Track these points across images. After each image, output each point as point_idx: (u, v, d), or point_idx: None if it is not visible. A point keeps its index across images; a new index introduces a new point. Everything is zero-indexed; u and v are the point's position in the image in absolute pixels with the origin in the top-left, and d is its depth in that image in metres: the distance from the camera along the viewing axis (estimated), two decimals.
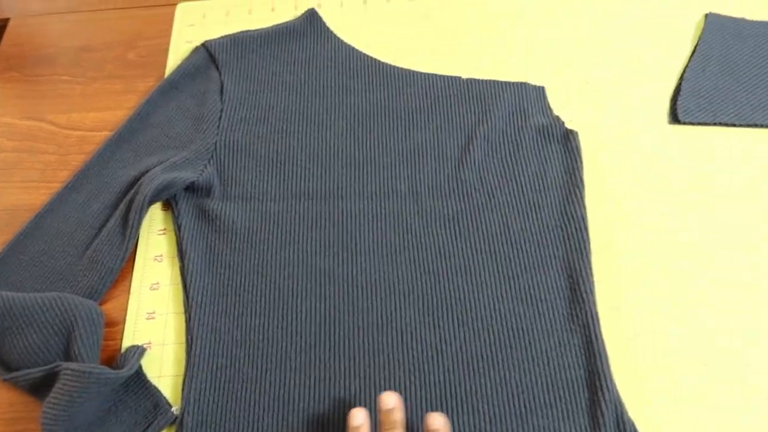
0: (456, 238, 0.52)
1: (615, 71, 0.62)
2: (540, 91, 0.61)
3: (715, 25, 0.64)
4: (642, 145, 0.57)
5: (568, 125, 0.59)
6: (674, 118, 0.58)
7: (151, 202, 0.53)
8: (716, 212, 0.53)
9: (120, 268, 0.52)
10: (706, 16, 0.65)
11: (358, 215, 0.54)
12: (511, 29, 0.66)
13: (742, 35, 0.63)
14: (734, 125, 0.57)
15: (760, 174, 0.55)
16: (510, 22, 0.67)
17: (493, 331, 0.48)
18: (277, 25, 0.67)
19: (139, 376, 0.47)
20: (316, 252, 0.52)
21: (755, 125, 0.57)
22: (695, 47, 0.63)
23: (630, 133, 0.58)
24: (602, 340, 0.46)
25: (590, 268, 0.50)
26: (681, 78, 0.61)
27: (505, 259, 0.51)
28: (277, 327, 0.49)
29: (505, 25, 0.67)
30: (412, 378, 0.46)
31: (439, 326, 0.48)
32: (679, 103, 0.59)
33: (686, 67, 0.62)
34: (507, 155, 0.57)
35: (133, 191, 0.54)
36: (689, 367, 0.46)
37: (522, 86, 0.61)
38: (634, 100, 0.60)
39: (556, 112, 0.60)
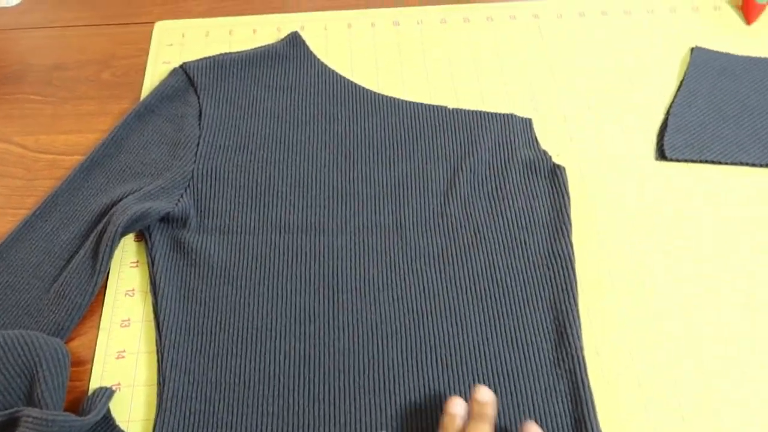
0: (441, 277, 0.51)
1: (601, 105, 0.62)
2: (527, 123, 0.60)
3: (701, 60, 0.64)
4: (629, 182, 0.57)
5: (555, 160, 0.58)
6: (661, 154, 0.58)
7: (123, 234, 0.51)
8: (705, 252, 0.53)
9: (89, 304, 0.49)
10: (692, 50, 0.65)
11: (340, 251, 0.52)
12: (498, 60, 0.65)
13: (728, 71, 0.63)
14: (720, 163, 0.57)
15: (748, 212, 0.55)
16: (497, 54, 0.66)
17: (478, 375, 0.47)
18: (259, 47, 0.65)
19: (107, 421, 0.45)
20: (296, 289, 0.51)
21: (741, 163, 0.57)
22: (681, 82, 0.63)
23: (616, 168, 0.57)
24: (589, 386, 0.45)
25: (577, 311, 0.49)
26: (667, 113, 0.61)
27: (491, 298, 0.50)
28: (255, 369, 0.47)
29: (492, 56, 0.66)
30: (395, 424, 0.45)
31: (423, 369, 0.47)
32: (665, 139, 0.58)
33: (673, 102, 0.61)
34: (493, 190, 0.56)
35: (104, 221, 0.52)
36: (678, 415, 0.45)
37: (509, 118, 0.60)
38: (621, 135, 0.60)
39: (542, 146, 0.59)
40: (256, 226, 0.54)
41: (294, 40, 0.65)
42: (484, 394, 0.42)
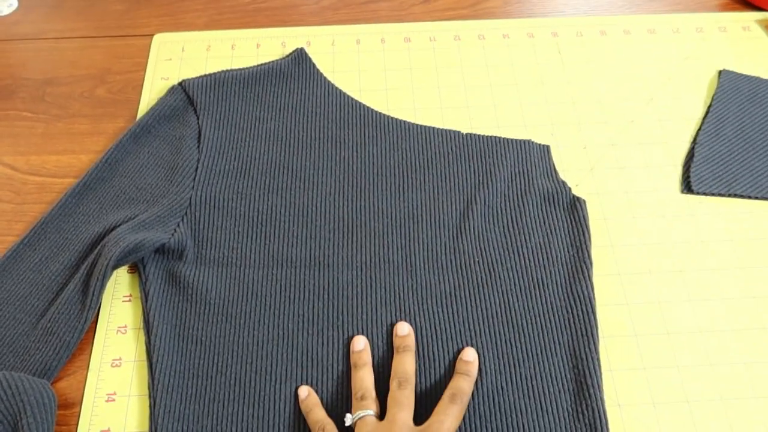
0: (453, 318, 0.48)
1: (623, 132, 0.58)
2: (545, 151, 0.57)
3: (729, 84, 0.60)
4: (652, 217, 0.53)
5: (574, 191, 0.54)
6: (687, 187, 0.55)
7: (116, 267, 0.48)
8: (736, 293, 0.49)
9: (78, 341, 0.46)
10: (720, 73, 0.62)
11: (345, 288, 0.49)
12: (514, 81, 0.62)
13: (758, 96, 0.60)
14: (751, 197, 0.54)
15: None
16: (513, 74, 0.63)
17: (491, 428, 0.43)
18: (263, 64, 0.61)
19: None
20: (298, 329, 0.48)
21: None
22: (708, 107, 0.59)
23: (639, 202, 0.54)
24: None
25: (598, 358, 0.46)
26: (694, 142, 0.57)
27: (507, 343, 0.47)
28: (253, 416, 0.44)
29: (508, 76, 0.62)
30: None
31: None
32: (692, 170, 0.55)
33: (699, 129, 0.58)
34: (509, 223, 0.52)
35: (95, 253, 0.49)
36: None
37: (526, 144, 0.57)
38: (644, 165, 0.56)
39: (561, 176, 0.55)
40: (256, 259, 0.51)
41: (299, 57, 0.62)
42: (404, 328, 0.47)
